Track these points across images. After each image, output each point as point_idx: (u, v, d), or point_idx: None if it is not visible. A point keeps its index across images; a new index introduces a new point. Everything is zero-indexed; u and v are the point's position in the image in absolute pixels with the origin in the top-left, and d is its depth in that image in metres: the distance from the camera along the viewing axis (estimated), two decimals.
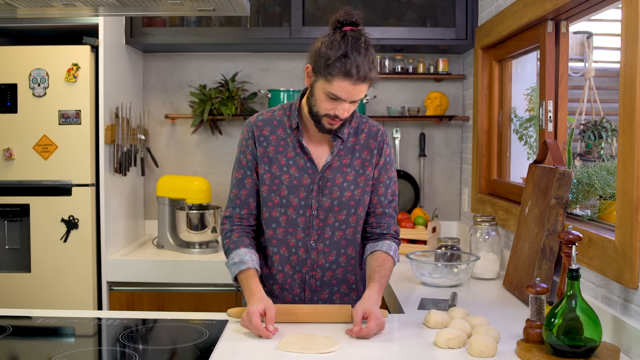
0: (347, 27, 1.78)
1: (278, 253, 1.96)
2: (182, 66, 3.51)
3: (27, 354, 1.65)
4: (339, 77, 1.72)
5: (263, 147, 1.93)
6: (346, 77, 1.72)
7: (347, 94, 1.75)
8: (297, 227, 1.93)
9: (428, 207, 3.51)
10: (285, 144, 1.92)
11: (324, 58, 1.74)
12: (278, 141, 1.93)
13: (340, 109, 1.78)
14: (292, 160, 1.92)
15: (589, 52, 3.00)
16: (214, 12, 2.03)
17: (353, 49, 1.72)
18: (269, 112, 1.98)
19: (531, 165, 2.31)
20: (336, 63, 1.71)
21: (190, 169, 3.53)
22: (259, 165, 1.93)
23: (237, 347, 1.66)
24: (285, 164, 1.92)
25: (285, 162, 1.92)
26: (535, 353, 1.55)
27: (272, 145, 1.92)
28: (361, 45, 1.73)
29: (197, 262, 2.96)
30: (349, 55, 1.71)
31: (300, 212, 1.92)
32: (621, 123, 1.66)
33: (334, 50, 1.72)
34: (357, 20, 1.79)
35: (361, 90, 1.75)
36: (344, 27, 1.78)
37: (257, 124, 1.95)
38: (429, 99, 3.40)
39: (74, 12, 2.05)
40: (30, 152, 2.84)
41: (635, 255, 1.59)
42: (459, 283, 2.40)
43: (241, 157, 1.95)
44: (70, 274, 2.85)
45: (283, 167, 1.92)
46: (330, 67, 1.72)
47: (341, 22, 1.78)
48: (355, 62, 1.71)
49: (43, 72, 2.82)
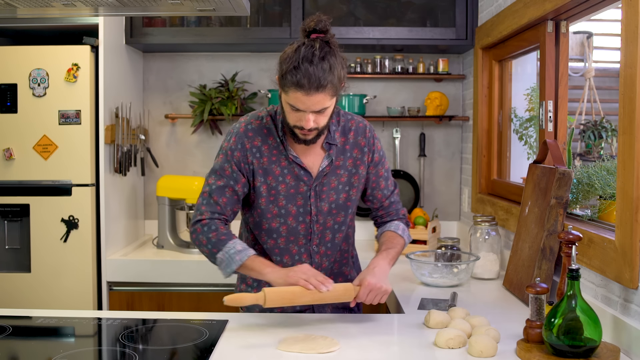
0: (314, 35, 1.76)
1: (281, 262, 1.96)
2: (182, 66, 3.51)
3: (27, 354, 1.65)
4: (292, 88, 1.71)
5: (257, 159, 1.89)
6: (298, 88, 1.70)
7: (304, 104, 1.73)
8: (298, 234, 1.93)
9: (428, 207, 3.51)
10: (277, 153, 1.89)
11: (280, 71, 1.75)
12: (270, 150, 1.89)
13: (304, 120, 1.76)
14: (286, 169, 1.90)
15: (589, 52, 3.00)
16: (214, 12, 2.03)
17: (304, 59, 1.70)
18: (257, 120, 1.92)
19: (531, 165, 2.31)
20: (288, 75, 1.71)
21: (190, 169, 3.53)
22: (255, 179, 1.89)
23: (237, 347, 1.66)
24: (280, 174, 1.90)
25: (280, 171, 1.89)
26: (535, 353, 1.55)
27: (265, 156, 1.89)
28: (315, 54, 1.70)
29: (197, 262, 2.96)
30: (299, 67, 1.69)
31: (300, 219, 1.92)
32: (621, 123, 1.66)
33: (287, 62, 1.72)
34: (323, 27, 1.76)
35: (318, 99, 1.72)
36: (311, 34, 1.77)
37: (247, 135, 1.90)
38: (429, 99, 3.40)
39: (74, 12, 2.05)
40: (30, 152, 2.84)
41: (635, 255, 1.59)
42: (459, 283, 2.40)
43: (226, 165, 1.89)
44: (70, 274, 2.85)
45: (278, 177, 1.90)
46: (284, 78, 1.73)
47: (307, 31, 1.77)
48: (306, 72, 1.69)
49: (43, 72, 2.82)
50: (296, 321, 1.87)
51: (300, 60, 1.70)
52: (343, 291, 1.78)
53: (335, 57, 1.73)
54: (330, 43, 1.75)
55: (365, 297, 1.77)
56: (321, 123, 1.79)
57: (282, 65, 1.74)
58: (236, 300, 1.71)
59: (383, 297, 1.78)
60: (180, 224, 3.12)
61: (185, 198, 3.17)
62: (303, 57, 1.70)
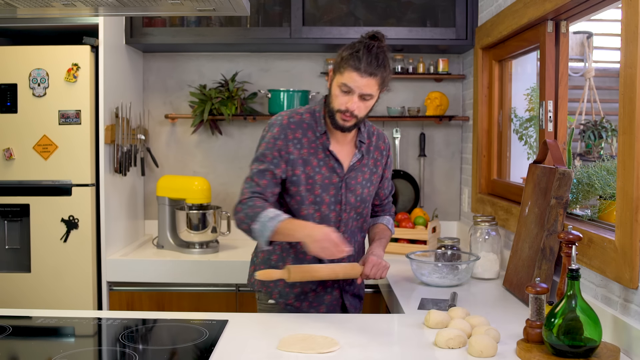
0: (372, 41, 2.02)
1: None
2: (182, 66, 3.51)
3: (27, 354, 1.65)
4: (349, 69, 1.97)
5: (297, 149, 2.07)
6: (354, 69, 1.96)
7: (355, 83, 1.96)
8: (329, 221, 2.11)
9: (428, 207, 3.51)
10: (315, 146, 2.09)
11: (341, 56, 2.01)
12: (309, 143, 2.09)
13: (351, 102, 1.98)
14: (322, 161, 2.09)
15: (589, 52, 3.00)
16: (214, 12, 2.04)
17: (366, 48, 1.97)
18: (297, 115, 2.12)
19: (531, 165, 2.31)
20: (348, 58, 1.97)
21: (190, 169, 3.53)
22: (295, 168, 2.06)
23: (237, 347, 1.66)
24: (317, 165, 2.09)
25: (317, 163, 2.09)
26: (535, 353, 1.55)
27: (305, 147, 2.08)
28: (373, 48, 1.97)
29: (197, 262, 2.96)
30: (360, 52, 1.96)
31: (332, 207, 2.11)
32: (621, 123, 1.66)
33: (350, 50, 1.99)
34: (380, 36, 2.03)
35: (368, 83, 1.96)
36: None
37: (290, 127, 2.08)
38: (429, 99, 3.40)
39: (74, 12, 2.06)
40: (30, 152, 2.84)
41: (635, 255, 1.59)
42: (459, 283, 2.40)
43: (267, 152, 2.05)
44: (70, 274, 2.85)
45: (315, 167, 2.09)
46: (343, 61, 1.99)
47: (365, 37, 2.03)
48: (364, 58, 1.95)
49: (43, 72, 2.82)
50: (296, 321, 1.87)
51: (362, 49, 1.97)
52: (351, 267, 2.06)
53: (388, 59, 2.02)
54: (384, 48, 2.01)
55: (370, 271, 2.05)
56: (362, 112, 2.03)
57: (343, 52, 2.00)
58: (265, 274, 1.94)
59: (384, 271, 2.08)
60: (180, 224, 3.12)
61: (185, 198, 3.17)
62: (365, 47, 1.97)
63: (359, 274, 2.06)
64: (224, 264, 2.93)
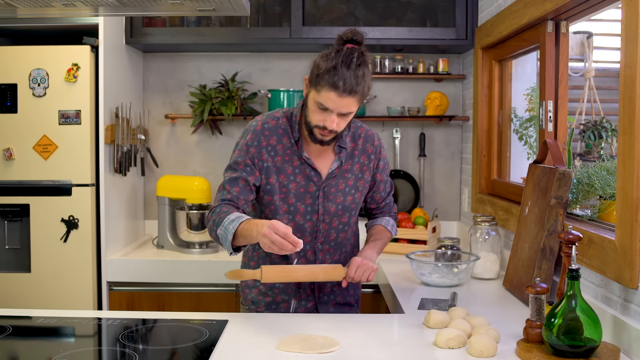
0: (349, 45, 1.86)
1: (286, 255, 2.01)
2: (182, 66, 3.51)
3: (27, 354, 1.65)
4: (326, 87, 1.81)
5: (271, 156, 1.97)
6: (333, 88, 1.80)
7: (334, 104, 1.82)
8: (304, 231, 2.01)
9: (428, 207, 3.51)
10: (291, 153, 1.98)
11: (317, 69, 1.84)
12: (284, 150, 1.98)
13: (329, 120, 1.85)
14: (297, 169, 1.98)
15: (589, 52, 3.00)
16: (214, 12, 2.04)
17: (343, 63, 1.80)
18: (273, 120, 2.00)
19: (531, 165, 2.31)
20: (325, 74, 1.81)
21: (190, 169, 3.53)
22: (269, 176, 1.97)
23: (237, 347, 1.66)
24: (292, 173, 1.98)
25: (292, 170, 1.98)
26: (535, 353, 1.55)
27: (279, 155, 1.97)
28: (352, 61, 1.81)
29: (197, 262, 2.96)
30: (337, 68, 1.80)
31: (307, 217, 2.01)
32: (621, 123, 1.66)
33: (326, 62, 1.82)
34: (359, 39, 1.88)
35: (347, 103, 1.82)
36: (346, 44, 1.87)
37: (263, 133, 1.97)
38: (429, 99, 3.40)
39: (74, 12, 2.05)
40: (30, 152, 2.84)
41: (635, 255, 1.59)
42: (459, 283, 2.40)
43: (239, 160, 1.96)
44: (70, 274, 2.85)
45: (290, 175, 1.98)
46: (320, 77, 1.82)
47: (343, 40, 1.88)
48: (342, 75, 1.79)
49: (43, 72, 2.82)
50: (296, 321, 1.87)
51: (340, 63, 1.80)
52: (332, 269, 1.94)
53: (367, 68, 1.86)
54: (364, 54, 1.86)
55: (354, 273, 1.93)
56: (341, 127, 1.90)
57: (320, 65, 1.83)
58: (236, 275, 1.83)
59: (371, 274, 1.94)
60: (180, 224, 3.12)
61: (185, 198, 3.17)
62: (342, 61, 1.80)
63: (341, 276, 1.94)
64: (224, 264, 2.93)
